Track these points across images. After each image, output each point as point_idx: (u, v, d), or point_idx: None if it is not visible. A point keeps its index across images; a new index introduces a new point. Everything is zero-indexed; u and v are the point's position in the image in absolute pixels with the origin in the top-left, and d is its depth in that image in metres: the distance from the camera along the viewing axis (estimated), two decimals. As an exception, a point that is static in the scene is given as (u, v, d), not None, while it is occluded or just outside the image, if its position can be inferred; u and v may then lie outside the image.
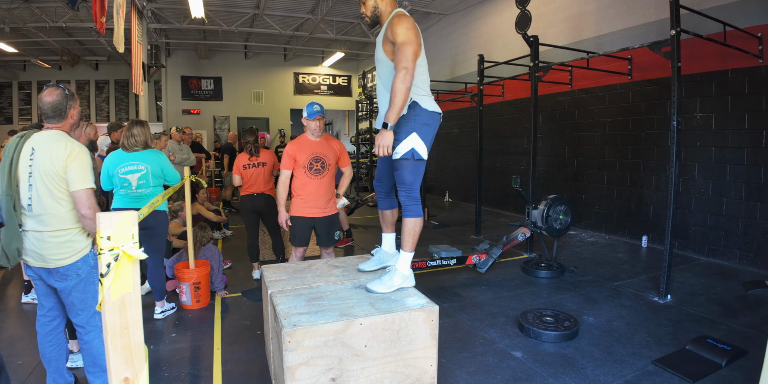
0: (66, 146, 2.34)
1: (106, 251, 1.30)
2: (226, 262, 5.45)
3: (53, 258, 2.39)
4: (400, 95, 2.37)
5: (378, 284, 2.55)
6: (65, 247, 2.40)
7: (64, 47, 13.44)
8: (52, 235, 2.39)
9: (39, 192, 2.35)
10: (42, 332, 2.60)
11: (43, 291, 2.57)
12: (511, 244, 5.08)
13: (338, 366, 2.14)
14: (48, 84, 2.48)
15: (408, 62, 2.37)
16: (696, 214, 5.57)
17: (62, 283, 2.43)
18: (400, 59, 2.38)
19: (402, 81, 2.35)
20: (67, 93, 2.47)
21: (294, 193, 3.92)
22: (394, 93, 2.37)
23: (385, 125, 2.43)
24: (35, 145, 2.37)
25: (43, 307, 2.60)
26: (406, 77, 2.36)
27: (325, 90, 17.17)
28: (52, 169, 2.32)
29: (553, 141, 7.82)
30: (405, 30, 2.41)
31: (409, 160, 2.57)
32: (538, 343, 3.32)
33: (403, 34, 2.41)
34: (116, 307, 1.35)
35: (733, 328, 3.51)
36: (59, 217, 2.39)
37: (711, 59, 5.27)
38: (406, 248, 2.64)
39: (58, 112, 2.43)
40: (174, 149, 6.99)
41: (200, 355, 3.28)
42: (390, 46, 2.51)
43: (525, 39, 5.43)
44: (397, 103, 2.38)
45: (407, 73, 2.36)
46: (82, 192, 2.33)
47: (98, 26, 6.85)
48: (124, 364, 1.37)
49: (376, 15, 2.62)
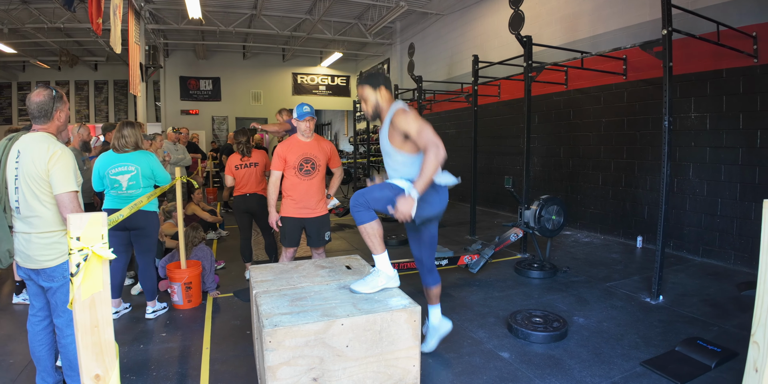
0: (48, 149, 2.33)
1: (76, 251, 1.30)
2: (220, 263, 5.45)
3: (40, 259, 2.40)
4: (432, 169, 2.48)
5: (362, 285, 2.58)
6: (52, 248, 2.41)
7: (62, 48, 13.49)
8: (39, 237, 2.40)
9: (25, 195, 2.36)
10: (32, 331, 2.62)
11: (33, 291, 2.59)
12: (503, 244, 5.07)
13: (320, 366, 2.14)
14: (38, 84, 2.48)
15: (435, 140, 2.50)
16: (690, 215, 5.56)
17: (48, 283, 2.45)
18: (427, 140, 2.51)
19: (435, 156, 2.46)
20: (55, 94, 2.46)
21: (284, 193, 3.93)
22: (427, 165, 2.48)
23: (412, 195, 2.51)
24: (21, 148, 2.37)
25: (34, 307, 2.62)
26: (439, 153, 2.47)
27: (323, 90, 17.19)
28: (35, 171, 2.32)
29: (548, 141, 7.81)
30: (414, 119, 2.60)
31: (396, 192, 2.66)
32: (526, 343, 3.32)
33: (415, 122, 2.59)
34: (86, 306, 1.35)
35: (724, 329, 3.50)
36: (45, 219, 2.39)
37: (705, 59, 5.26)
38: (375, 252, 2.70)
39: (43, 112, 2.42)
40: (169, 149, 6.99)
41: (189, 354, 3.28)
42: (399, 138, 2.70)
43: (518, 39, 5.43)
44: (427, 174, 2.48)
45: (439, 149, 2.48)
46: (64, 195, 2.32)
47: (94, 27, 6.87)
48: (95, 362, 1.38)
49: (377, 112, 2.86)
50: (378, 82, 2.82)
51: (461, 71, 10.29)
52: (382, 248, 2.70)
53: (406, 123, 2.61)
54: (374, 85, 2.81)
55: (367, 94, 2.83)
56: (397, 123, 2.64)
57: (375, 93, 2.82)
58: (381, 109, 2.84)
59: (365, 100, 2.85)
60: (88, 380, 1.38)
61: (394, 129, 2.69)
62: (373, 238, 2.67)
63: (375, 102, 2.83)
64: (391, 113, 2.73)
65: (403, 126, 2.62)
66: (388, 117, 2.75)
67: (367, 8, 11.40)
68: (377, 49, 14.80)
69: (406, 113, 2.64)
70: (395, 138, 2.72)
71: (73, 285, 1.33)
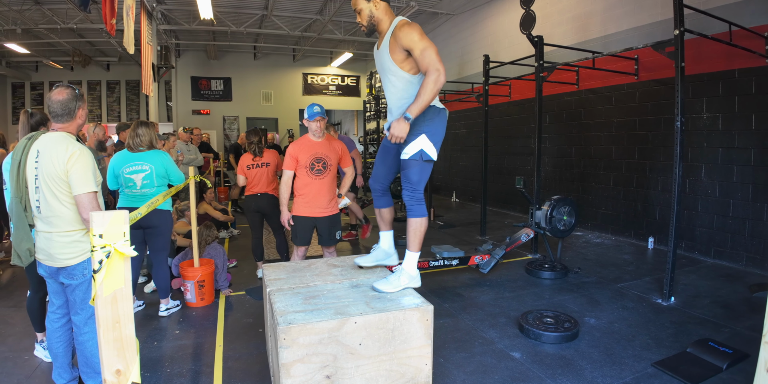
0: (67, 149, 2.33)
1: (98, 249, 1.33)
2: (232, 261, 5.50)
3: (61, 257, 2.43)
4: (430, 93, 2.41)
5: (384, 284, 2.58)
6: (73, 247, 2.44)
7: (75, 48, 13.62)
8: (60, 235, 2.42)
9: (45, 195, 2.38)
10: (51, 328, 2.66)
11: (54, 289, 2.62)
12: (515, 244, 5.07)
13: (333, 364, 2.16)
14: (57, 84, 2.50)
15: (438, 64, 2.40)
16: (702, 216, 5.52)
17: (69, 280, 2.48)
18: (429, 63, 2.42)
19: (435, 82, 2.40)
20: (77, 93, 2.48)
21: (296, 192, 3.96)
22: (425, 90, 2.40)
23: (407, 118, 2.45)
24: (40, 148, 2.38)
25: (53, 305, 2.65)
26: (440, 78, 2.40)
27: (333, 90, 17.22)
28: (54, 172, 2.33)
29: (559, 141, 7.79)
30: (420, 36, 2.45)
31: (417, 160, 2.60)
32: (537, 344, 3.32)
33: (420, 40, 2.45)
34: (108, 302, 1.38)
35: (736, 331, 3.48)
36: (65, 218, 2.41)
37: (717, 59, 5.23)
38: (411, 248, 2.69)
39: (67, 110, 2.43)
40: (182, 149, 7.06)
41: (202, 352, 3.32)
42: (401, 55, 2.54)
43: (529, 39, 5.43)
44: (424, 99, 2.42)
45: (440, 74, 2.40)
46: (84, 196, 2.33)
47: (108, 28, 6.94)
48: (116, 357, 1.41)
49: (372, 23, 2.65)
50: None
51: (472, 71, 10.29)
52: (419, 247, 2.70)
53: (410, 38, 2.45)
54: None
55: (361, 6, 2.62)
56: (401, 36, 2.48)
57: (369, 4, 2.61)
58: (377, 20, 2.63)
59: (359, 13, 2.64)
60: (109, 375, 1.41)
61: (396, 42, 2.53)
62: (420, 235, 2.67)
63: (369, 13, 2.61)
64: (393, 25, 2.57)
65: (406, 41, 2.47)
66: (391, 29, 2.58)
67: (377, 8, 11.40)
68: (387, 49, 14.80)
69: (411, 26, 2.48)
70: (396, 53, 2.55)
71: (96, 281, 1.36)
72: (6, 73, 14.78)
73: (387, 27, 2.62)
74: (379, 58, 2.71)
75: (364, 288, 2.62)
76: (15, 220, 2.48)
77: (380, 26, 2.65)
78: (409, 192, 2.66)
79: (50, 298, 2.66)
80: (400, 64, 2.57)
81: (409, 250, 2.69)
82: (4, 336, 3.57)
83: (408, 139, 2.58)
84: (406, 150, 2.60)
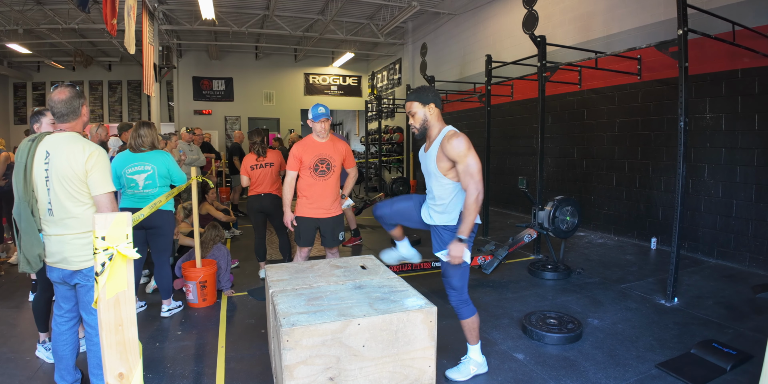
0: (84, 149, 2.30)
1: (101, 251, 1.32)
2: (234, 261, 5.49)
3: (77, 260, 2.39)
4: (474, 213, 2.59)
5: (455, 372, 2.86)
6: (89, 248, 2.38)
7: (77, 48, 13.62)
8: (75, 237, 2.39)
9: (58, 196, 2.33)
10: (58, 331, 2.62)
11: (62, 294, 2.58)
12: (517, 245, 5.05)
13: (336, 365, 2.15)
14: (56, 84, 2.47)
15: (480, 184, 2.58)
16: (706, 216, 5.50)
17: (84, 281, 2.44)
18: (475, 182, 2.58)
19: (476, 202, 2.57)
20: (78, 90, 2.45)
21: (299, 193, 3.96)
22: (469, 211, 2.58)
23: (460, 240, 2.61)
24: (50, 149, 2.34)
25: (61, 309, 2.61)
26: (479, 197, 2.57)
27: (335, 90, 17.21)
28: (71, 172, 2.30)
29: (562, 141, 7.77)
30: (467, 150, 2.59)
31: (458, 267, 2.75)
32: (540, 345, 3.31)
33: (466, 155, 2.59)
34: (111, 305, 1.37)
35: (740, 332, 3.47)
36: (81, 219, 2.38)
37: (720, 59, 5.21)
38: (471, 342, 2.88)
39: (72, 109, 2.39)
40: (184, 149, 7.06)
41: (204, 353, 3.31)
42: (446, 164, 2.67)
43: (532, 39, 5.41)
44: (471, 219, 2.59)
45: (480, 193, 2.58)
46: (104, 196, 2.31)
47: (109, 28, 6.93)
48: (119, 360, 1.40)
49: (425, 127, 2.78)
50: (428, 98, 2.73)
51: (474, 71, 10.27)
52: (477, 339, 2.88)
53: (457, 152, 2.58)
54: (424, 101, 2.73)
55: (416, 110, 2.75)
56: (448, 148, 2.61)
57: (424, 109, 2.74)
58: (430, 125, 2.76)
59: (413, 115, 2.77)
60: (112, 379, 1.40)
61: (443, 153, 2.65)
62: (473, 331, 2.86)
63: (423, 117, 2.74)
64: (442, 135, 2.69)
65: (453, 154, 2.60)
66: (439, 138, 2.70)
67: (378, 8, 11.40)
68: (389, 49, 14.80)
69: (459, 139, 2.59)
70: (442, 162, 2.68)
71: (98, 284, 1.35)
72: (8, 73, 14.78)
73: (436, 133, 2.76)
74: (424, 160, 2.87)
75: (367, 289, 2.61)
76: (24, 226, 2.41)
77: (431, 131, 2.78)
78: (455, 297, 2.83)
79: (58, 302, 2.61)
80: (445, 173, 2.71)
81: (470, 344, 2.89)
82: (6, 337, 3.57)
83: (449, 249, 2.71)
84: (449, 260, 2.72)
